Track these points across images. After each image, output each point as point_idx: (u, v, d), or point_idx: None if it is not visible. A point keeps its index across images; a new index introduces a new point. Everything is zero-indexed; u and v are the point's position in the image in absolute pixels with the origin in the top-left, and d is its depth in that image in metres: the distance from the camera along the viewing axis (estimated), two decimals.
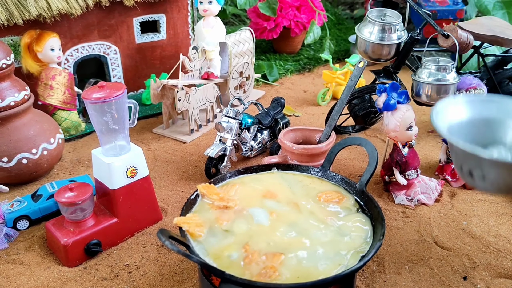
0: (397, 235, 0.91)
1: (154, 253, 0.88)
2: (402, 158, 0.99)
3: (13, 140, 1.03)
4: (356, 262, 0.64)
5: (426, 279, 0.81)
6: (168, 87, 1.28)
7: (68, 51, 1.33)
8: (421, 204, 1.00)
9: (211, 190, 0.77)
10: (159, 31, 1.49)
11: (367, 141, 0.79)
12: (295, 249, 0.67)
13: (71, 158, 1.21)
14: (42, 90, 1.24)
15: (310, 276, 0.62)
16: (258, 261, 0.65)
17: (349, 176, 1.11)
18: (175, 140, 1.29)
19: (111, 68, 1.43)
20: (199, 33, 1.32)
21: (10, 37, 1.22)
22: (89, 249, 0.85)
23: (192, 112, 1.28)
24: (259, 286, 0.59)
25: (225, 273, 0.60)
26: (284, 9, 1.74)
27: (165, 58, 1.53)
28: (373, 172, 0.76)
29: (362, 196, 0.76)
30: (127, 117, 0.88)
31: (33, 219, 0.95)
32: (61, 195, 0.84)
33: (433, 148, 1.22)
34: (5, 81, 1.03)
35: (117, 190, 0.88)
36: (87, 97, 0.82)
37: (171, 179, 1.11)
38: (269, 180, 0.82)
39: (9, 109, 1.03)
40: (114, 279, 0.81)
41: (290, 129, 1.07)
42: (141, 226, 0.94)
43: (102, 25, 1.37)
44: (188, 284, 0.80)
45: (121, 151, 0.89)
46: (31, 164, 1.06)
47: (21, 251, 0.89)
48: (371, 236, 0.70)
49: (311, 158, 0.99)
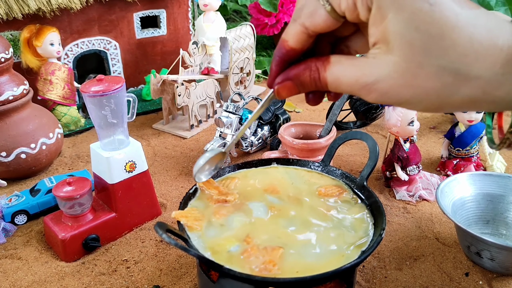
0: (398, 231, 0.90)
1: (152, 248, 0.87)
2: (404, 153, 0.98)
3: (11, 134, 1.03)
4: (356, 256, 0.63)
5: (427, 275, 0.80)
6: (168, 82, 1.27)
7: (68, 46, 1.33)
8: (422, 200, 0.99)
9: (210, 185, 0.76)
10: (159, 27, 1.48)
11: (368, 135, 0.78)
12: (295, 244, 0.67)
13: (71, 153, 1.21)
14: (41, 85, 1.24)
15: (309, 270, 0.61)
16: (257, 255, 0.64)
17: (350, 171, 1.10)
18: (175, 135, 1.29)
19: (111, 64, 1.43)
20: (199, 28, 1.31)
21: (9, 31, 1.22)
22: (87, 244, 0.84)
23: (192, 108, 1.27)
24: (257, 280, 0.58)
25: (224, 267, 0.59)
26: (285, 5, 1.73)
27: (165, 53, 1.52)
28: (374, 166, 0.75)
29: (363, 191, 0.75)
30: (126, 111, 0.87)
31: (31, 214, 0.94)
32: (59, 190, 0.83)
33: (435, 144, 1.21)
34: (3, 76, 1.03)
35: (116, 184, 0.87)
36: (85, 91, 0.81)
37: (170, 175, 1.11)
38: (269, 174, 0.82)
39: (7, 104, 1.02)
40: (112, 274, 0.81)
41: (290, 124, 1.07)
42: (140, 221, 0.93)
43: (102, 20, 1.36)
44: (187, 280, 0.79)
45: (120, 146, 0.88)
46: (30, 159, 1.05)
47: (19, 245, 0.88)
48: (372, 231, 0.69)
49: (312, 153, 0.99)
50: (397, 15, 0.36)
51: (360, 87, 0.40)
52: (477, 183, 0.89)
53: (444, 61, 0.36)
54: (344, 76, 0.41)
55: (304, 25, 0.42)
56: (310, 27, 0.42)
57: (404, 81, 0.37)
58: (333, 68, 0.42)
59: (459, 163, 1.05)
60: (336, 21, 0.41)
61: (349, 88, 0.41)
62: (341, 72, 0.41)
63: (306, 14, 0.41)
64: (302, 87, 0.45)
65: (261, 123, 1.18)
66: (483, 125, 1.03)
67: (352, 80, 0.40)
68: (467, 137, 1.04)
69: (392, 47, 0.37)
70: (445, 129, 1.20)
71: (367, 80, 0.39)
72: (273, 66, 0.46)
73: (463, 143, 1.04)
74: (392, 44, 0.37)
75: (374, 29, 0.38)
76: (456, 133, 1.05)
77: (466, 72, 0.36)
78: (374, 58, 0.39)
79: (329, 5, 0.40)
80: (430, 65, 0.36)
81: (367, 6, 0.38)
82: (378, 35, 0.38)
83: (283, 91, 0.46)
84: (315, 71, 0.43)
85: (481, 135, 1.04)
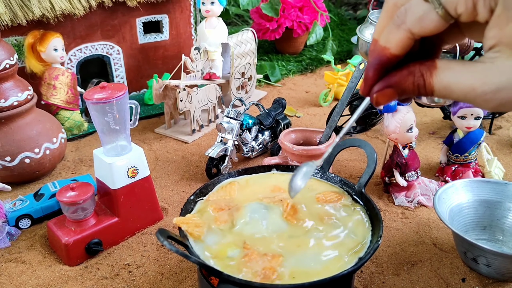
0: (396, 236, 0.92)
1: (154, 252, 0.88)
2: (402, 159, 1.00)
3: (16, 139, 1.04)
4: (354, 263, 0.64)
5: (424, 280, 0.81)
6: (170, 87, 1.28)
7: (71, 51, 1.34)
8: (420, 206, 1.00)
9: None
10: (161, 32, 1.50)
11: (366, 142, 0.79)
12: (294, 250, 0.68)
13: (74, 157, 1.22)
14: (45, 90, 1.25)
15: (308, 277, 0.63)
16: (257, 261, 0.65)
17: (350, 177, 1.11)
18: (177, 140, 1.30)
19: (114, 68, 1.44)
20: (201, 34, 1.33)
21: (14, 37, 1.23)
22: (90, 248, 0.86)
23: (194, 113, 1.28)
24: (256, 286, 0.59)
25: (223, 273, 0.60)
26: (286, 10, 1.74)
27: (167, 58, 1.54)
28: (371, 174, 0.77)
29: (361, 198, 0.76)
30: (128, 118, 0.89)
31: (35, 218, 0.96)
32: (63, 195, 0.84)
33: (434, 149, 1.22)
34: (8, 81, 1.04)
35: (118, 190, 0.88)
36: (88, 98, 0.83)
37: (172, 179, 1.12)
38: (269, 181, 0.83)
39: (12, 109, 1.04)
40: (115, 278, 0.82)
41: (290, 130, 1.08)
42: (142, 225, 0.94)
43: (105, 25, 1.38)
44: (188, 284, 0.81)
45: (122, 151, 0.89)
46: (33, 164, 1.07)
47: (23, 249, 0.90)
48: (370, 237, 0.70)
49: (311, 159, 1.00)
50: None
51: (476, 96, 0.38)
52: (475, 190, 0.90)
53: None
54: (457, 83, 0.38)
55: (411, 31, 0.39)
56: (419, 32, 0.39)
57: None
58: (442, 75, 0.39)
59: (457, 169, 1.07)
60: (447, 23, 0.38)
61: (463, 96, 0.38)
62: (452, 78, 0.39)
63: (413, 19, 0.39)
64: (404, 93, 0.42)
65: (261, 128, 1.19)
66: (481, 132, 1.05)
67: (468, 88, 0.38)
68: (465, 143, 1.05)
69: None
70: (444, 135, 1.21)
71: (487, 88, 0.37)
72: (370, 74, 0.43)
73: (461, 149, 1.05)
74: None
75: (495, 31, 0.36)
76: (455, 139, 1.06)
77: None
78: (493, 63, 0.37)
79: (443, 9, 0.37)
80: None
81: (489, 7, 0.36)
82: (501, 37, 0.36)
83: (382, 99, 0.43)
84: (420, 77, 0.40)
85: (480, 141, 1.05)
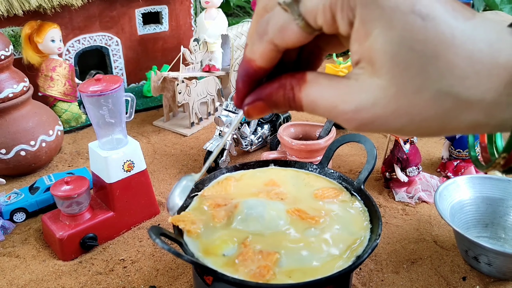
0: (396, 233, 0.90)
1: (150, 247, 0.87)
2: (403, 154, 0.98)
3: (11, 131, 1.03)
4: (351, 262, 0.63)
5: (424, 278, 0.79)
6: (168, 79, 1.27)
7: (69, 42, 1.33)
8: (421, 202, 0.99)
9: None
10: (161, 23, 1.48)
11: (366, 138, 0.78)
12: (291, 248, 0.66)
13: (71, 150, 1.21)
14: (42, 81, 1.24)
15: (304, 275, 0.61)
16: (252, 260, 0.64)
17: (350, 172, 1.10)
18: (175, 133, 1.29)
19: (113, 60, 1.43)
20: (200, 25, 1.31)
21: (10, 28, 1.22)
22: (85, 243, 0.84)
23: (192, 105, 1.27)
24: (251, 285, 0.58)
25: (217, 272, 0.59)
26: None
27: (167, 50, 1.52)
28: (371, 170, 0.75)
29: (360, 194, 0.75)
30: (124, 111, 0.87)
31: (30, 212, 0.95)
32: (57, 189, 0.83)
33: (436, 145, 1.20)
34: (3, 73, 1.03)
35: (114, 184, 0.87)
36: (83, 90, 0.81)
37: (169, 173, 1.11)
38: (266, 177, 0.81)
39: (7, 101, 1.02)
40: (109, 273, 0.81)
41: (289, 124, 1.06)
42: (138, 220, 0.93)
43: (103, 16, 1.36)
44: (183, 280, 0.79)
45: (118, 145, 0.88)
46: (29, 156, 1.05)
47: (17, 243, 0.89)
48: (368, 235, 0.69)
49: (310, 154, 0.98)
50: (386, 32, 0.31)
51: (338, 114, 0.34)
52: (477, 186, 0.88)
53: (442, 84, 0.31)
54: (322, 99, 0.35)
55: (273, 43, 0.35)
56: (282, 44, 0.35)
57: (396, 109, 0.32)
58: (309, 89, 0.36)
59: (459, 164, 1.05)
60: (311, 35, 0.35)
61: (327, 113, 0.35)
62: (318, 94, 0.35)
63: (274, 29, 0.35)
64: (276, 107, 0.39)
65: (261, 122, 1.17)
66: None
67: (330, 106, 0.35)
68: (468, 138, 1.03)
69: (378, 68, 0.32)
70: None
71: (346, 108, 0.33)
72: (240, 86, 0.40)
73: (464, 145, 1.03)
74: (379, 65, 0.32)
75: (357, 46, 0.33)
76: (457, 134, 1.04)
77: (467, 95, 0.31)
78: (356, 81, 0.33)
79: (302, 20, 0.34)
80: (427, 89, 0.31)
81: (348, 20, 0.32)
82: (362, 53, 0.33)
83: (253, 112, 0.40)
84: (290, 90, 0.37)
85: None
